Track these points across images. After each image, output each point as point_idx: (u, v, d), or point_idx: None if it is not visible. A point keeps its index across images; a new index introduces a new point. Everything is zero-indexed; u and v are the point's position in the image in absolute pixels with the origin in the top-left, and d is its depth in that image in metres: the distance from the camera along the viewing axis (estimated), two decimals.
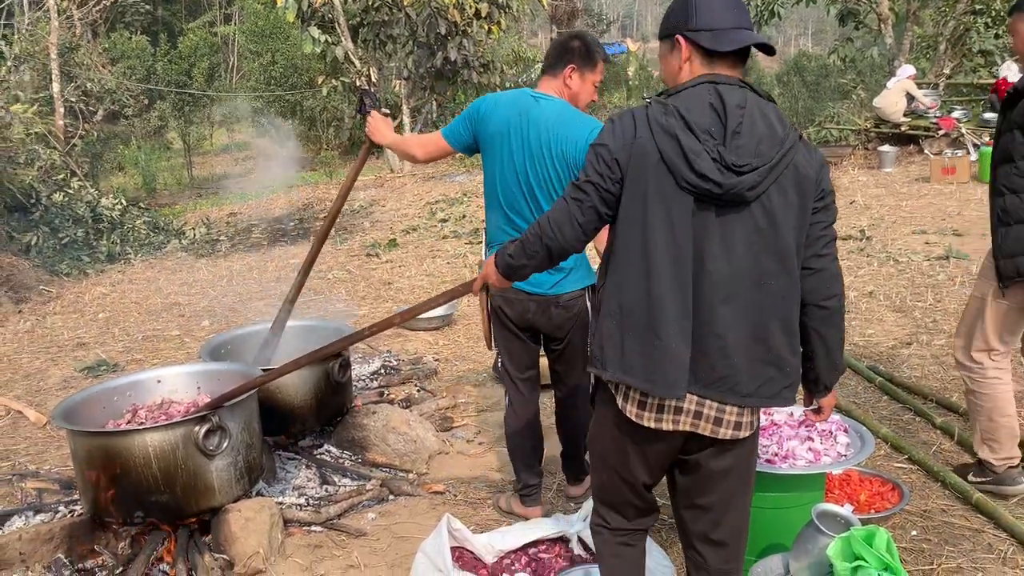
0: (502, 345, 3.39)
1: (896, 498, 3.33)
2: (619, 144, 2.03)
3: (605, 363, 2.11)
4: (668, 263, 2.01)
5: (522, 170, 3.12)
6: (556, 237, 2.15)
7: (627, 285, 2.08)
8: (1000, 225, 3.24)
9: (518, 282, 2.98)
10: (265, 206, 15.65)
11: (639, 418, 2.10)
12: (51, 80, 15.33)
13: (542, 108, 3.14)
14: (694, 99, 2.00)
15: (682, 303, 2.02)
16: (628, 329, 2.08)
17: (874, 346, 5.46)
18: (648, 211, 2.02)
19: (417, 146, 3.41)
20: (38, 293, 9.09)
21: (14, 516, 3.51)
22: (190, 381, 3.79)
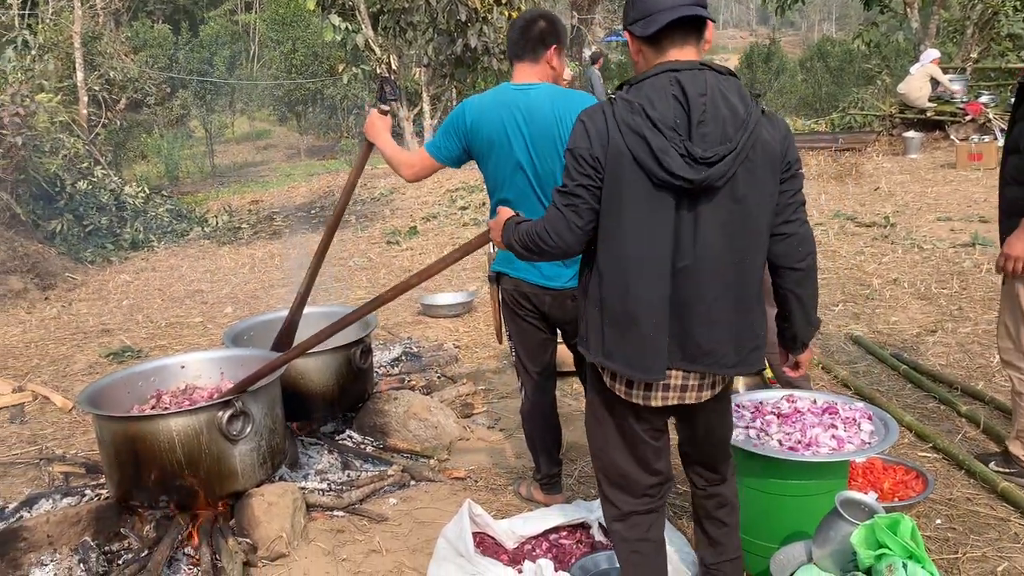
0: (516, 337, 3.37)
1: (920, 486, 3.30)
2: (597, 145, 2.07)
3: (589, 348, 2.23)
4: (646, 256, 2.09)
5: (530, 168, 3.04)
6: (558, 244, 2.18)
7: (607, 278, 2.16)
8: (1006, 216, 3.22)
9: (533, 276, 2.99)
10: (286, 194, 15.73)
11: (628, 396, 2.22)
12: (75, 69, 15.45)
13: (536, 100, 3.04)
14: (657, 91, 2.04)
15: (660, 293, 2.11)
16: (608, 318, 2.17)
17: (898, 333, 5.41)
18: (624, 207, 2.08)
19: (404, 166, 3.28)
20: (63, 280, 9.20)
21: (42, 499, 3.55)
22: (213, 367, 3.82)
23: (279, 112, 26.58)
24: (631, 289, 2.11)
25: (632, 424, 2.29)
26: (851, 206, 9.66)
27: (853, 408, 2.93)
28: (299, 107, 25.21)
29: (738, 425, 2.89)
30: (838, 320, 5.77)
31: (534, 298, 3.21)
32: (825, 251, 7.76)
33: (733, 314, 2.15)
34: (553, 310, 3.21)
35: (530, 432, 3.48)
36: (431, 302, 6.88)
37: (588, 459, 3.91)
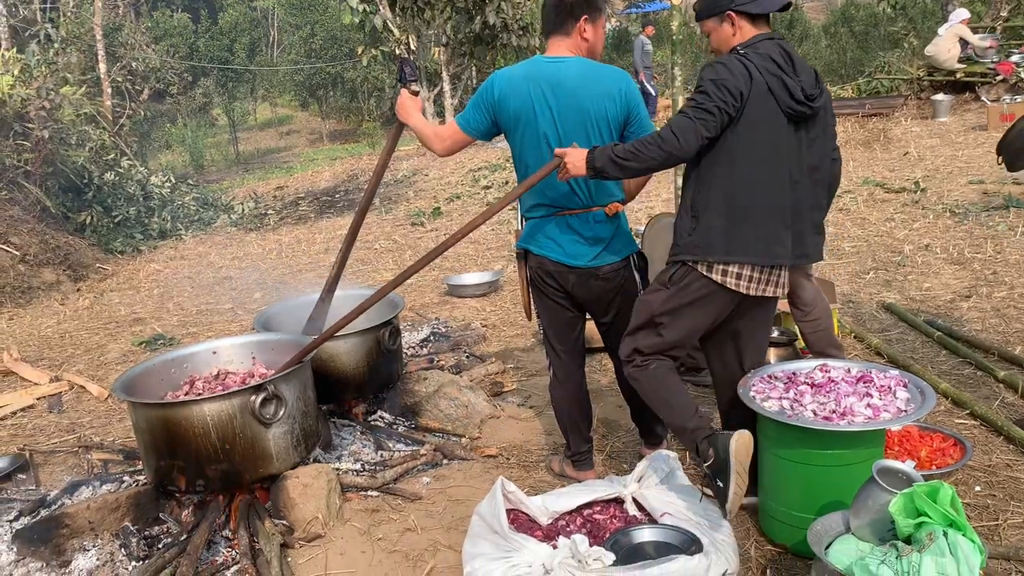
0: (544, 316, 3.36)
1: (958, 454, 3.25)
2: (741, 81, 2.65)
3: (712, 250, 2.75)
4: (774, 168, 2.74)
5: (556, 142, 3.01)
6: (680, 146, 2.65)
7: (740, 188, 2.73)
8: None
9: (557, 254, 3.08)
10: (310, 179, 15.78)
11: (736, 287, 2.78)
12: (97, 61, 15.55)
13: (564, 72, 3.02)
14: (771, 49, 2.72)
15: (784, 197, 2.77)
16: (737, 220, 2.74)
17: (931, 300, 5.33)
18: (760, 132, 2.70)
19: (435, 139, 3.25)
20: (95, 271, 9.32)
21: (82, 486, 3.61)
22: (245, 352, 3.85)
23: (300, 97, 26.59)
24: (765, 189, 2.73)
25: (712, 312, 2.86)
26: (880, 172, 9.51)
27: (888, 376, 2.89)
28: (320, 91, 25.20)
29: (771, 396, 2.86)
30: (870, 288, 5.70)
31: (558, 276, 3.19)
32: (855, 218, 7.66)
33: (817, 215, 2.92)
34: (577, 289, 3.19)
35: (559, 409, 3.48)
36: (457, 282, 6.89)
37: (619, 435, 3.91)
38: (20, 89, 10.15)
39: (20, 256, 8.78)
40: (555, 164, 2.91)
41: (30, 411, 5.05)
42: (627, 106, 3.04)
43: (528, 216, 3.25)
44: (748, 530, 3.03)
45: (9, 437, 4.65)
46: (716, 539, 2.75)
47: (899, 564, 2.12)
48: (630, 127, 3.07)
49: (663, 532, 2.83)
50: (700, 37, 19.86)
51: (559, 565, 2.59)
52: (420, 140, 3.33)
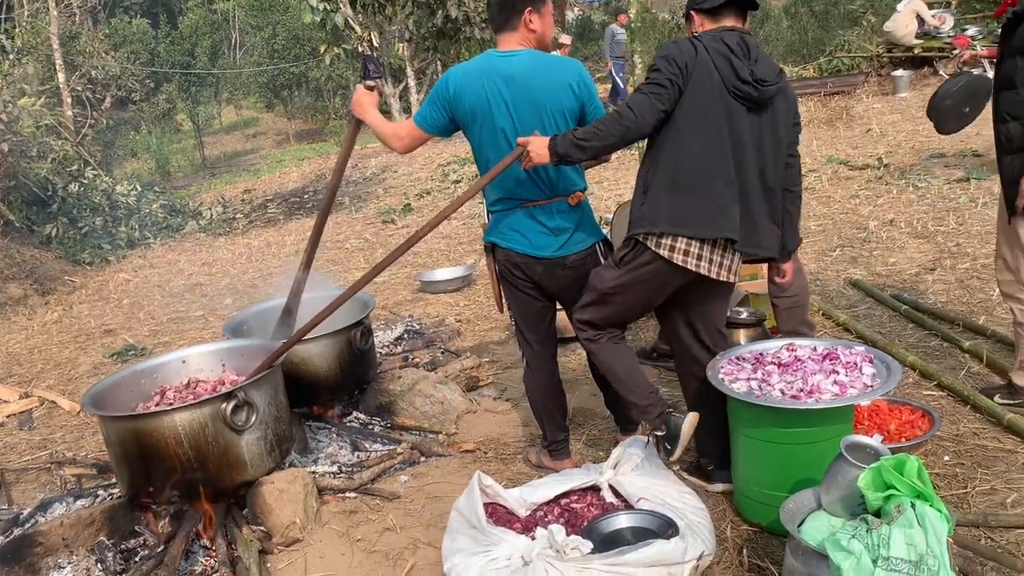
0: (514, 307, 3.37)
1: (927, 425, 3.30)
2: (687, 57, 2.74)
3: (656, 221, 2.80)
4: (717, 143, 2.77)
5: (513, 135, 3.01)
6: (638, 119, 2.73)
7: (684, 161, 2.78)
8: (1005, 153, 3.19)
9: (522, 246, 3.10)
10: (278, 181, 15.66)
11: (684, 263, 2.81)
12: (55, 71, 15.31)
13: (517, 66, 3.01)
14: (728, 38, 2.80)
15: (728, 171, 2.79)
16: (682, 193, 2.79)
17: (897, 274, 5.40)
18: (703, 106, 2.75)
19: (393, 138, 3.24)
20: (62, 283, 9.20)
21: (56, 503, 3.57)
22: (214, 359, 3.82)
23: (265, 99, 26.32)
24: (709, 163, 2.77)
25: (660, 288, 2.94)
26: (843, 150, 9.60)
27: (854, 352, 2.92)
28: (284, 92, 24.96)
29: (739, 377, 2.89)
30: (836, 265, 5.76)
31: (525, 268, 3.20)
32: (820, 197, 7.73)
33: (769, 207, 2.90)
34: (545, 280, 3.20)
35: (534, 400, 3.49)
36: (430, 278, 6.88)
37: (594, 423, 3.93)
38: None
39: None
40: (517, 154, 2.92)
41: (0, 429, 4.99)
42: (581, 96, 3.05)
43: (493, 210, 3.25)
44: (724, 511, 3.06)
45: None
46: (692, 522, 2.77)
47: (869, 537, 2.15)
48: (586, 117, 3.08)
49: (639, 517, 2.86)
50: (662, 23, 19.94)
51: (537, 556, 2.60)
52: (378, 138, 3.32)
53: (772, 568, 2.67)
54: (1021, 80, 3.10)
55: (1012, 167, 3.17)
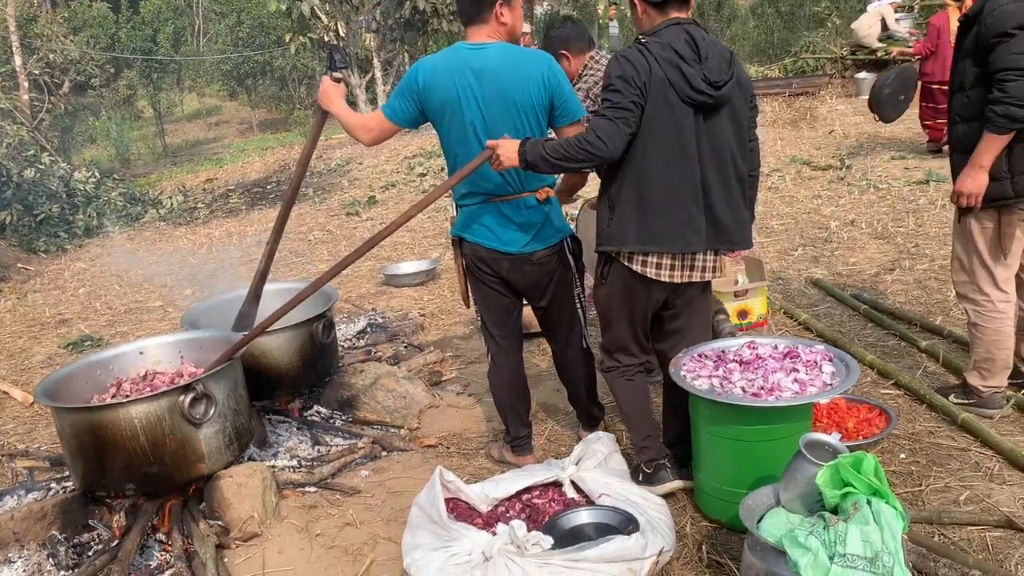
0: (480, 302, 3.35)
1: (884, 423, 3.35)
2: (642, 73, 2.68)
3: (626, 240, 2.82)
4: (680, 154, 2.75)
5: (483, 129, 2.99)
6: (607, 147, 2.69)
7: (649, 177, 2.76)
8: (956, 153, 3.24)
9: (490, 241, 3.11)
10: (241, 170, 15.47)
11: (658, 276, 2.84)
12: (12, 54, 14.97)
13: (487, 60, 2.98)
14: (673, 38, 2.73)
15: (693, 185, 2.78)
16: (650, 209, 2.78)
17: (857, 274, 5.47)
18: (662, 123, 2.72)
19: (361, 130, 3.20)
20: (16, 272, 9.00)
21: (6, 496, 3.49)
22: (172, 351, 3.76)
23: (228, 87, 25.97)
24: (673, 179, 2.75)
25: (643, 301, 2.95)
26: (807, 150, 9.72)
27: (814, 351, 2.95)
28: (248, 80, 24.67)
29: (701, 375, 2.91)
30: (798, 264, 5.83)
31: (492, 263, 3.18)
32: (783, 197, 7.81)
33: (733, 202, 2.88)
34: (512, 275, 3.19)
35: (498, 395, 3.48)
36: (394, 272, 6.84)
37: (557, 418, 3.94)
38: None
39: None
40: (487, 156, 2.89)
41: None
42: (551, 91, 3.02)
43: (461, 204, 3.23)
44: (684, 507, 3.07)
45: None
46: (652, 518, 2.78)
47: (826, 534, 2.18)
48: (556, 111, 3.05)
49: (600, 513, 2.86)
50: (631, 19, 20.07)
51: (498, 552, 2.59)
52: (345, 129, 3.27)
53: (731, 564, 2.69)
54: (970, 83, 3.14)
55: (962, 166, 3.20)
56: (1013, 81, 2.92)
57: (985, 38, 3.00)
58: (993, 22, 2.97)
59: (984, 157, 3.08)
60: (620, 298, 2.96)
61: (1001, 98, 2.95)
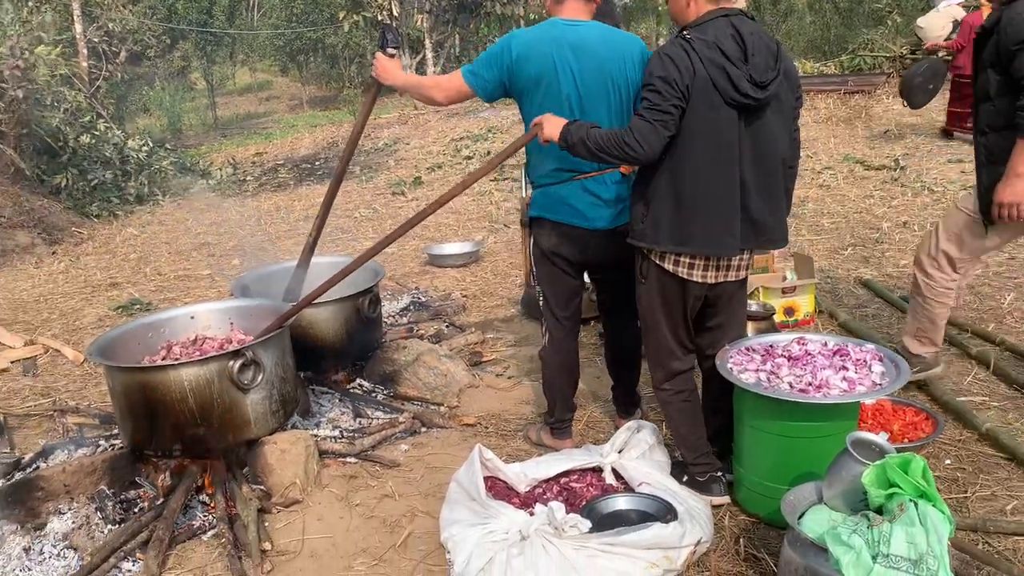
0: (547, 282, 3.34)
1: (930, 428, 3.30)
2: (687, 75, 2.60)
3: (659, 239, 2.77)
4: (720, 159, 2.68)
5: (577, 104, 2.99)
6: (644, 151, 2.64)
7: (686, 178, 2.70)
8: (986, 164, 3.22)
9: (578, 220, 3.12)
10: (290, 145, 15.63)
11: (690, 276, 2.80)
12: (72, 21, 15.24)
13: (585, 35, 3.00)
14: (719, 32, 2.63)
15: (732, 186, 2.70)
16: (685, 211, 2.72)
17: (908, 276, 5.36)
18: (704, 124, 2.65)
19: (436, 88, 3.20)
20: (70, 235, 9.20)
21: (57, 450, 3.59)
22: (223, 317, 3.83)
23: (280, 62, 26.24)
24: (711, 180, 2.68)
25: (681, 303, 2.89)
26: (860, 149, 9.55)
27: (864, 350, 2.92)
28: (300, 57, 24.89)
29: (748, 368, 2.89)
30: (847, 264, 5.74)
31: (577, 242, 3.17)
32: (834, 195, 7.70)
33: (778, 199, 2.83)
34: (596, 253, 3.19)
35: (551, 376, 3.47)
36: (438, 252, 6.87)
37: (597, 405, 3.94)
38: None
39: None
40: (533, 134, 2.91)
41: (4, 374, 5.00)
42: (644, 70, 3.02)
43: (542, 183, 3.20)
44: (723, 504, 3.06)
45: None
46: (691, 508, 2.78)
47: (870, 533, 2.16)
48: None
49: (639, 500, 2.87)
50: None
51: (535, 532, 2.61)
52: (416, 94, 3.28)
53: (768, 559, 2.68)
54: (995, 92, 3.13)
55: (992, 177, 3.20)
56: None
57: (1006, 47, 3.02)
58: (1013, 31, 2.98)
59: (1019, 164, 3.06)
60: (659, 297, 2.90)
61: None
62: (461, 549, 2.67)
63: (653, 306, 2.93)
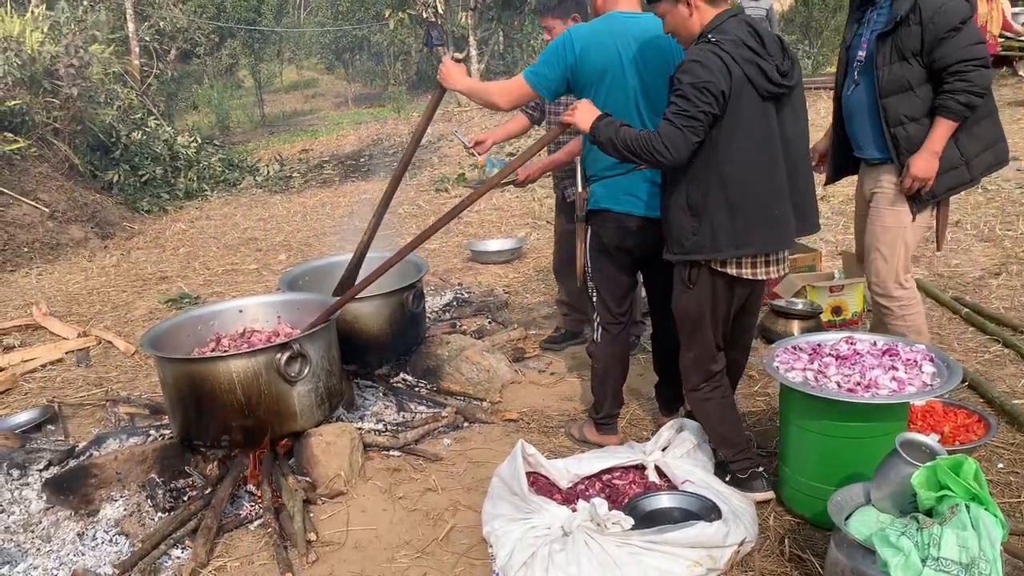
0: (604, 280, 3.33)
1: (982, 430, 3.23)
2: (722, 79, 2.58)
3: (719, 247, 2.74)
4: (767, 152, 2.71)
5: (643, 95, 3.02)
6: (671, 156, 2.62)
7: (735, 181, 2.68)
8: (907, 154, 3.21)
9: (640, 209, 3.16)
10: (335, 142, 15.79)
11: (753, 276, 2.82)
12: (125, 20, 15.56)
13: (646, 27, 3.03)
14: (739, 30, 2.66)
15: (780, 180, 2.73)
16: (741, 214, 2.71)
17: (960, 276, 5.27)
18: (747, 123, 2.66)
19: (500, 94, 3.20)
20: (122, 229, 9.40)
21: (109, 439, 3.67)
22: (270, 311, 3.89)
23: (326, 60, 26.52)
24: (761, 177, 2.70)
25: (727, 304, 2.90)
26: None
27: (914, 350, 2.87)
28: (346, 54, 25.12)
29: (795, 367, 2.85)
30: None
31: (640, 233, 3.16)
32: None
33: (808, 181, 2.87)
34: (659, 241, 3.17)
35: (603, 371, 3.47)
36: (481, 248, 6.89)
37: (639, 402, 3.92)
38: (49, 46, 10.19)
39: (49, 212, 8.87)
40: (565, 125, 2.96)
41: (59, 364, 5.14)
42: None
43: (601, 176, 3.21)
44: (767, 500, 3.03)
45: (39, 389, 4.74)
46: (735, 507, 2.76)
47: (920, 536, 2.12)
48: None
49: (682, 499, 2.85)
50: None
51: (578, 528, 2.61)
52: (478, 99, 3.30)
53: (813, 560, 2.65)
54: (917, 83, 3.16)
55: None
56: (975, 71, 3.04)
57: (934, 35, 3.06)
58: (943, 19, 3.04)
59: (939, 143, 3.15)
60: (709, 303, 2.88)
61: (965, 88, 3.06)
62: (504, 543, 2.68)
63: (703, 311, 2.89)
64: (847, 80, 3.41)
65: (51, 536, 3.04)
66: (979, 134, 3.22)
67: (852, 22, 3.41)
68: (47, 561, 2.91)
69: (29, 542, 3.03)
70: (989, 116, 3.24)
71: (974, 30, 3.09)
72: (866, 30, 3.31)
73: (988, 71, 3.09)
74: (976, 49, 3.06)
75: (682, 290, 2.92)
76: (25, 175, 9.19)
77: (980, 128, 3.22)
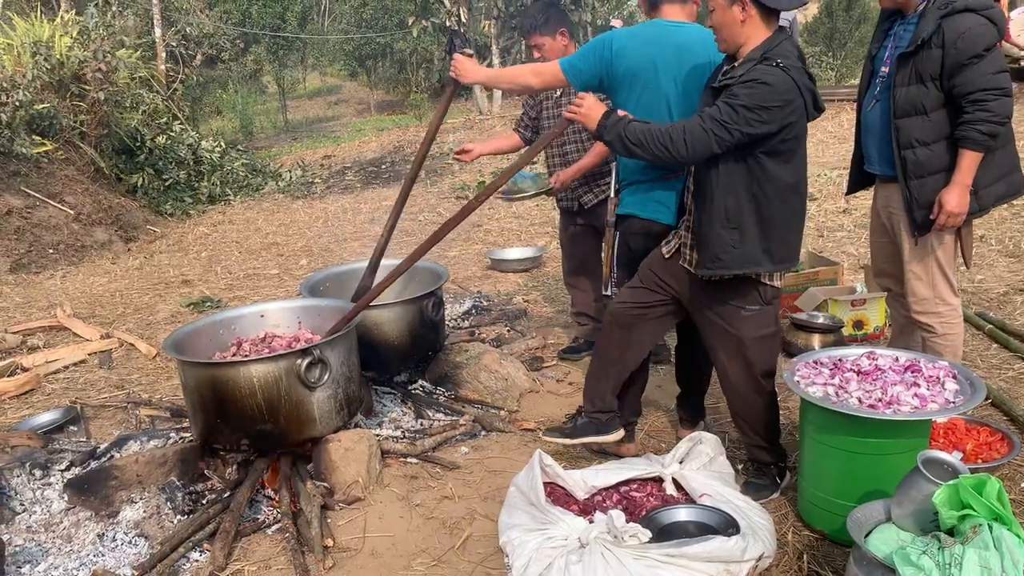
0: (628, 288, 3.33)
1: (1006, 449, 3.19)
2: (787, 111, 2.62)
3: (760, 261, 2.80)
4: (804, 176, 2.84)
5: (676, 103, 3.04)
6: (688, 155, 2.66)
7: (777, 198, 2.75)
8: (914, 179, 3.20)
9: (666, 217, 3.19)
10: (357, 149, 15.86)
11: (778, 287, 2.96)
12: (152, 25, 15.73)
13: (688, 37, 3.05)
14: (792, 51, 2.68)
15: (805, 198, 2.88)
16: (778, 231, 2.80)
17: (984, 292, 5.22)
18: (799, 144, 2.77)
19: (532, 74, 3.28)
20: (145, 232, 9.50)
21: (131, 440, 3.70)
22: (291, 316, 3.91)
23: (349, 67, 26.63)
24: (799, 196, 2.82)
25: None
26: None
27: (937, 366, 2.84)
28: (369, 61, 25.22)
29: (816, 382, 2.84)
30: None
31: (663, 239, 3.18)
32: None
33: None
34: None
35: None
36: (500, 257, 6.90)
37: (658, 414, 3.91)
38: (78, 51, 10.32)
39: (74, 215, 8.98)
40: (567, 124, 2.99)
41: (81, 366, 5.19)
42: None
43: (634, 180, 3.24)
44: (786, 515, 3.01)
45: (61, 390, 4.79)
46: (754, 522, 2.74)
47: (941, 555, 2.10)
48: None
49: (700, 512, 2.83)
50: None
51: (595, 539, 2.60)
52: (506, 80, 3.38)
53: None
54: (932, 107, 3.13)
55: (923, 191, 3.19)
56: (995, 100, 3.01)
57: (955, 61, 3.01)
58: (965, 45, 2.99)
59: (968, 176, 3.11)
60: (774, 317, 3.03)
61: (986, 117, 3.02)
62: (520, 554, 2.68)
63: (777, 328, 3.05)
64: (868, 94, 3.39)
65: (72, 536, 3.07)
66: (992, 164, 3.19)
67: (879, 33, 3.39)
68: (68, 561, 2.94)
69: (50, 542, 3.06)
70: (1004, 147, 3.21)
71: (998, 57, 3.06)
72: (891, 44, 3.28)
73: (1009, 100, 3.06)
74: (999, 78, 3.02)
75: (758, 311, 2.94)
76: (52, 178, 9.31)
77: (994, 158, 3.18)
